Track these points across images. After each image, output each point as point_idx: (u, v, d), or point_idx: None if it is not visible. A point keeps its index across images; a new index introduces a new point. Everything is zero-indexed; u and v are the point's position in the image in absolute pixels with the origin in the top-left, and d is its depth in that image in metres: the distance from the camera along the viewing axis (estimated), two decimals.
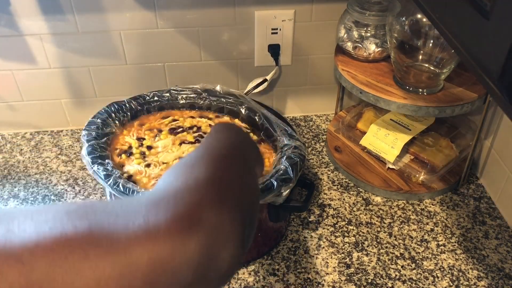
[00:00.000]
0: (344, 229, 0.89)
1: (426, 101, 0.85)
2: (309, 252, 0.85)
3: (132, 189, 0.73)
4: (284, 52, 1.04)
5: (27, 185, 0.98)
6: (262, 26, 1.00)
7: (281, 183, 0.74)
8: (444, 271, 0.82)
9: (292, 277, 0.81)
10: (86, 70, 1.03)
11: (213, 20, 0.99)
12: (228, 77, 1.08)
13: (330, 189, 0.97)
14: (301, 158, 0.79)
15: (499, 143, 0.93)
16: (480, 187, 0.98)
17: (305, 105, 1.15)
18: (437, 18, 0.49)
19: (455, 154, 0.98)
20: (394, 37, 0.86)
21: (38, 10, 0.94)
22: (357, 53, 0.96)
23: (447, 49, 0.82)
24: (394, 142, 0.95)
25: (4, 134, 1.11)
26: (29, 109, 1.08)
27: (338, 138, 1.06)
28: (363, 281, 0.80)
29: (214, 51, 1.03)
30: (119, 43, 1.00)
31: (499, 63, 0.36)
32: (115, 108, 0.88)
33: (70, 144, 1.09)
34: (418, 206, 0.94)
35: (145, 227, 0.32)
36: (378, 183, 0.95)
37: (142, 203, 0.35)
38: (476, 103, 0.87)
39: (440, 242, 0.87)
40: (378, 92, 0.87)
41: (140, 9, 0.96)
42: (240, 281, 0.80)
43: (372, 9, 0.92)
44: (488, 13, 0.37)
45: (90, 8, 0.95)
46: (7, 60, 1.01)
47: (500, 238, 0.87)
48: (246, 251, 0.41)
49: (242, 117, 0.92)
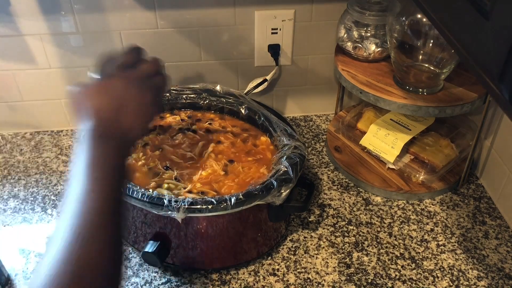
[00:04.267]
0: (344, 229, 0.89)
1: (426, 101, 0.85)
2: (309, 252, 0.85)
3: (132, 189, 0.73)
4: (284, 52, 1.04)
5: (27, 185, 0.98)
6: (262, 26, 1.00)
7: (281, 183, 0.74)
8: (444, 271, 0.82)
9: (292, 277, 0.81)
10: (86, 70, 1.03)
11: (213, 20, 0.99)
12: (228, 77, 1.08)
13: (330, 189, 0.97)
14: (301, 158, 0.79)
15: (499, 143, 0.93)
16: (480, 187, 0.98)
17: (305, 105, 1.15)
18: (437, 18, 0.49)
19: (455, 154, 0.98)
20: (394, 37, 0.86)
21: (38, 10, 0.94)
22: (357, 53, 0.96)
23: (447, 49, 0.82)
24: (394, 142, 0.95)
25: (4, 134, 1.11)
26: (29, 109, 1.08)
27: (338, 138, 1.06)
28: (363, 281, 0.80)
29: (214, 51, 1.03)
30: (119, 43, 1.00)
31: (499, 63, 0.36)
32: None
33: (70, 144, 1.09)
34: (418, 206, 0.94)
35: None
36: (378, 183, 0.95)
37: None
38: (476, 103, 0.87)
39: (440, 242, 0.87)
40: (378, 92, 0.87)
41: (140, 9, 0.96)
42: (240, 281, 0.80)
43: (372, 9, 0.92)
44: (488, 13, 0.37)
45: (90, 8, 0.95)
46: (7, 60, 1.01)
47: (500, 238, 0.87)
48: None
49: (242, 117, 0.92)
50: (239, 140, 0.88)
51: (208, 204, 0.70)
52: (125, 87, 0.60)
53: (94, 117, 0.56)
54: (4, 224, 0.90)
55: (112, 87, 0.59)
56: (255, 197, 0.72)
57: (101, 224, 0.49)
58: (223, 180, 0.80)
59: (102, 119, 0.56)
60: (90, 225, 0.48)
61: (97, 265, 0.47)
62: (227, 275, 0.81)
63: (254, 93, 1.04)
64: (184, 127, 0.90)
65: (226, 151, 0.86)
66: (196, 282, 0.80)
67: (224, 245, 0.79)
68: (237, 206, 0.71)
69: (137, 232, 0.80)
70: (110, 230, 0.50)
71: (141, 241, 0.80)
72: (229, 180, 0.80)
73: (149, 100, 0.61)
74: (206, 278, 0.81)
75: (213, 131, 0.89)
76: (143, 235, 0.79)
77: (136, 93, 0.59)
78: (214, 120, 0.92)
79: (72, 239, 0.47)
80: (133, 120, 0.58)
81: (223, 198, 0.71)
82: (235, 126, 0.91)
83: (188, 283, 0.80)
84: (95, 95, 0.58)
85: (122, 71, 0.62)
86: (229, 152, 0.85)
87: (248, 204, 0.72)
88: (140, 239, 0.80)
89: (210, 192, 0.77)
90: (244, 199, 0.71)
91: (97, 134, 0.55)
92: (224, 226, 0.76)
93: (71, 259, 0.46)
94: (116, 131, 0.56)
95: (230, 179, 0.80)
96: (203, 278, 0.81)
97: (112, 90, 0.59)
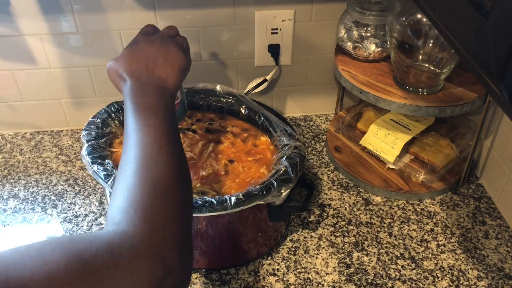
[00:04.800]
0: (344, 229, 0.89)
1: (426, 101, 0.85)
2: (309, 252, 0.85)
3: None
4: (284, 52, 1.04)
5: (27, 185, 0.98)
6: (262, 26, 1.00)
7: (281, 183, 0.74)
8: (444, 271, 0.82)
9: (292, 277, 0.81)
10: (86, 70, 1.03)
11: (213, 20, 0.99)
12: (228, 77, 1.08)
13: (330, 189, 0.97)
14: (301, 158, 0.79)
15: (499, 143, 0.93)
16: (480, 187, 0.98)
17: (305, 105, 1.15)
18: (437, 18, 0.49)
19: (455, 154, 0.98)
20: (394, 37, 0.86)
21: (38, 10, 0.94)
22: (357, 53, 0.96)
23: (447, 49, 0.82)
24: (394, 142, 0.95)
25: (4, 134, 1.11)
26: (29, 109, 1.08)
27: (338, 138, 1.06)
28: (363, 281, 0.80)
29: (214, 51, 1.03)
30: (119, 43, 1.00)
31: (499, 63, 0.36)
32: (115, 108, 0.88)
33: (70, 144, 1.09)
34: (418, 206, 0.94)
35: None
36: (378, 183, 0.95)
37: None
38: (476, 103, 0.87)
39: (440, 242, 0.87)
40: (378, 92, 0.87)
41: (140, 9, 0.96)
42: (240, 281, 0.80)
43: (372, 9, 0.92)
44: (488, 13, 0.37)
45: (90, 8, 0.95)
46: (7, 60, 1.01)
47: (500, 238, 0.87)
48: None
49: (242, 117, 0.92)
50: (239, 140, 0.88)
51: (208, 204, 0.70)
52: (151, 45, 0.66)
53: (130, 77, 0.62)
54: (4, 224, 0.90)
55: (139, 48, 0.65)
56: (255, 197, 0.72)
57: (162, 146, 0.54)
58: (223, 180, 0.80)
59: (137, 77, 0.62)
60: (150, 151, 0.53)
61: (168, 182, 0.51)
62: (227, 275, 0.81)
63: (254, 93, 1.04)
64: (184, 127, 0.90)
65: (226, 151, 0.86)
66: (196, 282, 0.80)
67: (224, 245, 0.79)
68: (237, 206, 0.71)
69: None
70: (171, 150, 0.55)
71: None
72: (229, 180, 0.80)
73: (175, 52, 0.66)
74: (206, 278, 0.81)
75: (213, 131, 0.89)
76: None
77: (162, 48, 0.65)
78: (214, 120, 0.92)
79: (138, 165, 0.52)
80: (166, 69, 0.63)
81: (223, 198, 0.71)
82: (235, 126, 0.91)
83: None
84: (126, 59, 0.64)
85: (143, 37, 0.68)
86: (229, 152, 0.85)
87: (248, 204, 0.72)
88: None
89: (210, 192, 0.77)
90: (244, 199, 0.71)
91: (135, 88, 0.60)
92: (224, 226, 0.76)
93: (141, 176, 0.50)
94: (153, 81, 0.62)
95: (230, 179, 0.80)
96: (203, 278, 0.81)
97: (140, 50, 0.65)
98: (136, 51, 0.65)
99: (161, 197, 0.49)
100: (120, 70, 0.63)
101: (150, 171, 0.51)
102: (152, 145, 0.53)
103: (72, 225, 0.90)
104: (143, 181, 0.50)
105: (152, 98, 0.59)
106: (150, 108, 0.58)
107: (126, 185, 0.50)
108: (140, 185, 0.49)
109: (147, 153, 0.53)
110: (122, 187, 0.50)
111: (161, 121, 0.57)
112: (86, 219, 0.91)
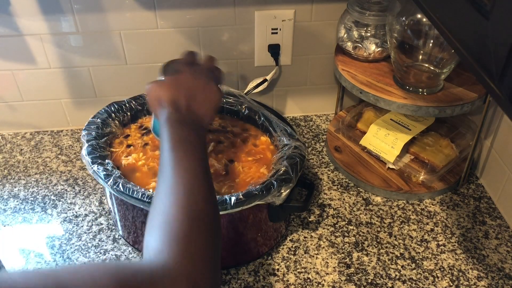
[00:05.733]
0: (344, 229, 0.89)
1: (426, 101, 0.85)
2: (309, 252, 0.85)
3: (132, 189, 0.73)
4: (284, 52, 1.04)
5: (27, 185, 0.98)
6: (262, 26, 1.00)
7: (281, 183, 0.74)
8: (444, 271, 0.82)
9: (292, 277, 0.81)
10: (86, 70, 1.03)
11: (213, 20, 0.99)
12: (228, 77, 1.08)
13: (330, 189, 0.97)
14: (301, 158, 0.79)
15: (499, 143, 0.93)
16: (480, 187, 0.98)
17: (305, 105, 1.15)
18: (437, 18, 0.49)
19: (455, 154, 0.98)
20: (394, 37, 0.86)
21: (38, 10, 0.94)
22: (357, 53, 0.96)
23: (447, 49, 0.82)
24: (394, 142, 0.95)
25: (4, 134, 1.11)
26: (29, 109, 1.08)
27: (338, 138, 1.06)
28: (363, 281, 0.80)
29: (214, 51, 1.03)
30: (119, 43, 1.00)
31: (499, 63, 0.36)
32: (115, 108, 0.88)
33: (70, 144, 1.09)
34: (418, 206, 0.94)
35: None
36: (378, 183, 0.95)
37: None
38: (476, 103, 0.87)
39: (440, 242, 0.87)
40: (378, 92, 0.87)
41: (140, 9, 0.96)
42: (240, 281, 0.80)
43: (372, 9, 0.92)
44: (488, 13, 0.37)
45: (90, 8, 0.95)
46: (7, 60, 1.01)
47: (500, 238, 0.87)
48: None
49: (242, 117, 0.92)
50: (239, 140, 0.88)
51: None
52: (193, 79, 0.68)
53: (170, 106, 0.63)
54: (4, 224, 0.90)
55: (182, 80, 0.67)
56: (255, 197, 0.72)
57: (200, 180, 0.56)
58: (223, 180, 0.80)
59: (177, 108, 0.63)
60: (190, 184, 0.55)
61: (203, 210, 0.53)
62: (227, 275, 0.81)
63: (254, 93, 1.04)
64: None
65: (226, 151, 0.85)
66: None
67: (224, 245, 0.79)
68: (237, 206, 0.71)
69: (137, 232, 0.80)
70: (208, 183, 0.57)
71: (141, 241, 0.80)
72: (229, 180, 0.80)
73: (214, 89, 0.68)
74: None
75: (213, 131, 0.89)
76: (143, 235, 0.78)
77: (202, 84, 0.67)
78: (214, 120, 0.92)
79: (177, 198, 0.54)
80: (203, 107, 0.65)
81: (223, 198, 0.71)
82: (235, 126, 0.91)
83: None
84: (168, 88, 0.66)
85: (187, 68, 0.70)
86: (229, 152, 0.85)
87: (248, 204, 0.72)
88: (140, 239, 0.80)
89: None
90: (244, 199, 0.71)
91: (174, 120, 0.62)
92: (224, 226, 0.76)
93: (181, 208, 0.52)
94: (190, 117, 0.63)
95: (230, 179, 0.80)
96: None
97: (182, 82, 0.67)
98: (179, 81, 0.67)
99: (199, 229, 0.51)
100: (162, 95, 0.64)
101: (190, 204, 0.53)
102: (190, 179, 0.56)
103: (72, 225, 0.90)
104: (182, 214, 0.52)
105: (191, 132, 0.61)
106: (190, 143, 0.60)
107: (165, 216, 0.52)
108: (180, 217, 0.51)
109: (186, 186, 0.54)
110: (161, 219, 0.52)
111: (199, 156, 0.59)
112: (86, 219, 0.91)
